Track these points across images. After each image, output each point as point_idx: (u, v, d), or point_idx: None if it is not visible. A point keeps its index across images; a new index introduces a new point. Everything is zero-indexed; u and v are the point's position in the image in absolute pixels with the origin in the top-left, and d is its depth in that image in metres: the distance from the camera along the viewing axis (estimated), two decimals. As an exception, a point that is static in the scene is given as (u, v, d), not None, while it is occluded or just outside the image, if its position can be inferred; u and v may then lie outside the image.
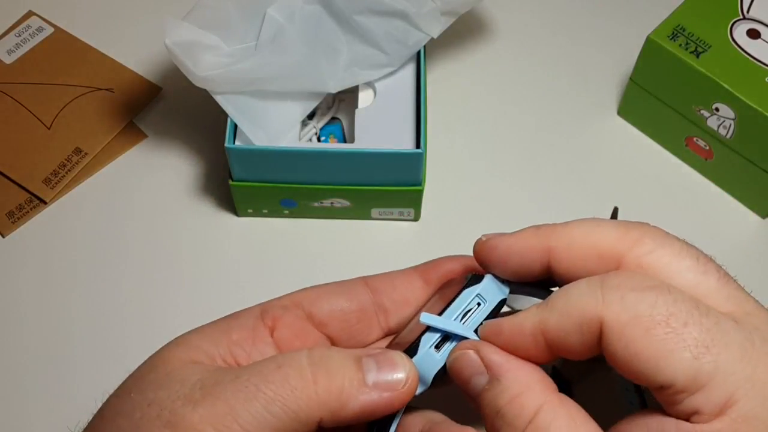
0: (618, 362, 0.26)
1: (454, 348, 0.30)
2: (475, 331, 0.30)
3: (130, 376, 0.30)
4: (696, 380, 0.25)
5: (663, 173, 0.53)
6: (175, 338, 0.31)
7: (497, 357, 0.28)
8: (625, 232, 0.29)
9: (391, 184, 0.47)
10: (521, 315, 0.28)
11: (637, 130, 0.54)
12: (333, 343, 0.34)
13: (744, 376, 0.25)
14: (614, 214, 0.50)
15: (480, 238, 0.31)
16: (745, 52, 0.48)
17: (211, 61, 0.45)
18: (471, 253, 0.32)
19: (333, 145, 0.48)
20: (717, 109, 0.48)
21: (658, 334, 0.25)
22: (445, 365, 0.30)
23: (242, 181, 0.47)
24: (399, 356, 0.29)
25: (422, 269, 0.34)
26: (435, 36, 0.47)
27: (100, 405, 0.31)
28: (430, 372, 0.30)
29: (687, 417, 0.26)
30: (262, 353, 0.31)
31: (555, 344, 0.28)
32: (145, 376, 0.29)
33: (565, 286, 0.28)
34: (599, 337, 0.26)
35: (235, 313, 0.33)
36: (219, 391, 0.28)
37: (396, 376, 0.29)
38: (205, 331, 0.31)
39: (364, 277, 0.34)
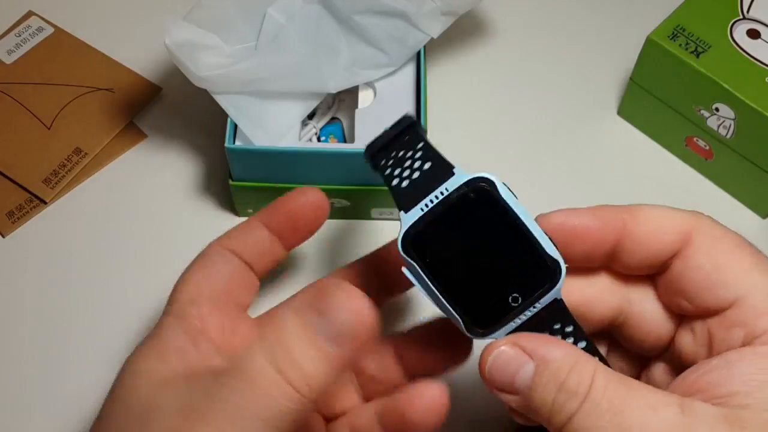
0: (696, 273, 0.29)
1: (483, 353, 0.29)
2: None
3: (107, 421, 0.30)
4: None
5: (663, 173, 0.53)
6: (127, 369, 0.31)
7: (537, 341, 0.29)
8: (693, 214, 0.30)
9: (391, 184, 0.47)
10: (587, 211, 0.31)
11: (637, 130, 0.54)
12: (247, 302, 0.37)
13: None
14: None
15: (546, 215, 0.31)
16: (745, 52, 0.48)
17: (211, 61, 0.45)
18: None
19: (333, 145, 0.48)
20: (717, 109, 0.48)
21: (746, 253, 0.29)
22: None
23: (242, 181, 0.47)
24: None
25: (263, 216, 0.37)
26: (435, 36, 0.47)
27: (98, 404, 0.31)
28: None
29: (747, 341, 0.28)
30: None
31: (629, 247, 0.30)
32: (126, 418, 0.29)
33: (643, 206, 0.31)
34: (681, 246, 0.29)
35: (155, 337, 0.33)
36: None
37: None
38: (150, 365, 0.31)
39: (219, 243, 0.37)
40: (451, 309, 0.29)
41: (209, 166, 0.53)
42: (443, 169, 0.30)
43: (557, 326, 0.30)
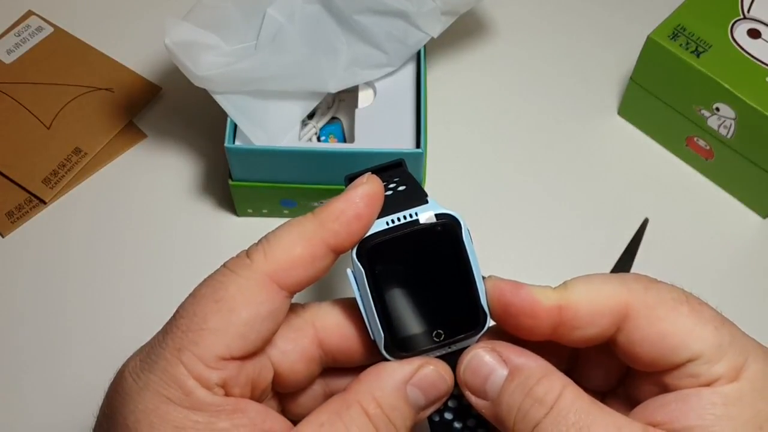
0: (642, 345, 0.29)
1: (462, 354, 0.30)
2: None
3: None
4: (719, 349, 0.28)
5: (663, 173, 0.53)
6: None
7: (515, 350, 0.29)
8: (623, 283, 0.30)
9: (391, 184, 0.47)
10: (535, 289, 0.29)
11: (638, 130, 0.54)
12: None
13: (752, 343, 0.29)
14: (644, 225, 0.50)
15: (494, 281, 0.30)
16: (746, 51, 0.48)
17: (211, 61, 0.45)
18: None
19: (333, 145, 0.47)
20: (717, 109, 0.48)
21: (683, 312, 0.28)
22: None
23: (242, 181, 0.47)
24: (441, 378, 0.30)
25: (329, 234, 0.29)
26: (435, 36, 0.47)
27: (97, 404, 0.31)
28: None
29: (705, 386, 0.28)
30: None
31: (568, 324, 0.29)
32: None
33: (582, 277, 0.30)
34: (619, 323, 0.29)
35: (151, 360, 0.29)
36: None
37: (440, 392, 0.30)
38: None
39: (264, 272, 0.29)
40: (379, 325, 0.30)
41: (209, 166, 0.53)
42: (418, 194, 0.31)
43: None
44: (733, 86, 0.46)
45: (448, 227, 0.30)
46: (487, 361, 0.29)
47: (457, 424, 0.32)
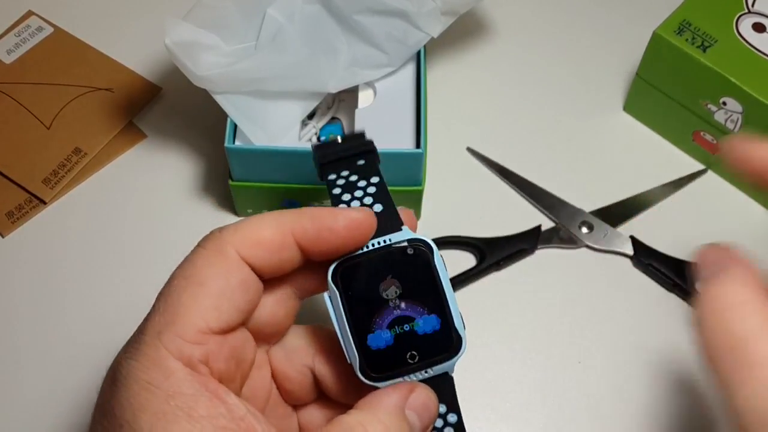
0: None
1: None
2: None
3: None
4: None
5: (669, 168, 0.52)
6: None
7: None
8: None
9: (391, 184, 0.46)
10: None
11: (644, 126, 0.54)
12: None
13: None
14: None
15: None
16: (752, 45, 0.47)
17: (211, 61, 0.44)
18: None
19: (333, 145, 0.47)
20: (724, 103, 0.47)
21: None
22: None
23: (242, 181, 0.47)
24: (431, 399, 0.31)
25: (296, 227, 0.31)
26: (435, 36, 0.47)
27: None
28: None
29: None
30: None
31: None
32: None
33: None
34: None
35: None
36: None
37: (432, 414, 0.31)
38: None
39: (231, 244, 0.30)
40: (353, 347, 0.30)
41: (209, 166, 0.52)
42: (393, 221, 0.32)
43: (443, 410, 0.32)
44: (740, 80, 0.46)
45: (420, 251, 0.31)
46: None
47: None
